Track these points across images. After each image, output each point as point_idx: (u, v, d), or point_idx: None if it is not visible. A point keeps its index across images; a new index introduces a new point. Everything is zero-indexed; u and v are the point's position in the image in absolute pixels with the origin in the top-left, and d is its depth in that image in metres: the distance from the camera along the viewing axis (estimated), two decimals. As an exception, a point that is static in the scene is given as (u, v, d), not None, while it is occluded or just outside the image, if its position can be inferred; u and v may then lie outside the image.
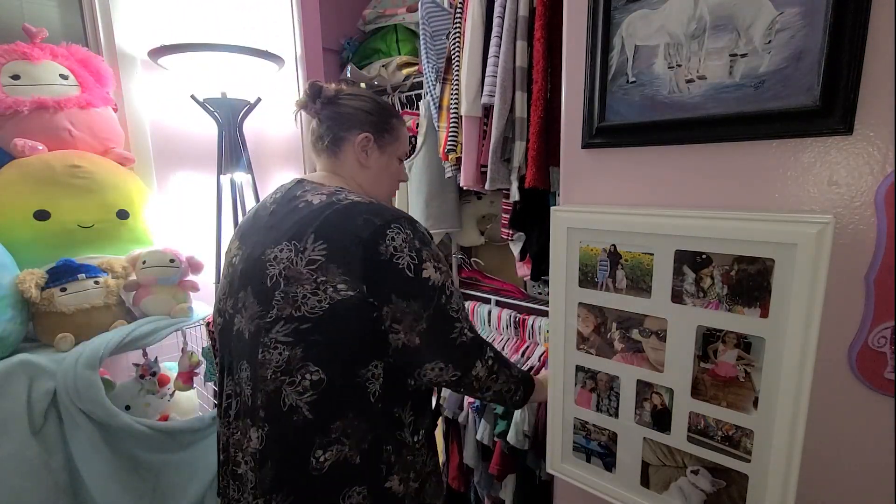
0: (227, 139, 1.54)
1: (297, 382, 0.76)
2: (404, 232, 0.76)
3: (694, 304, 0.66)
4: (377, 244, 0.74)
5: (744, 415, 0.65)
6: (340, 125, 0.88)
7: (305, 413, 0.76)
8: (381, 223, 0.75)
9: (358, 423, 0.77)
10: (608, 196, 0.77)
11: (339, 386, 0.76)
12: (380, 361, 0.78)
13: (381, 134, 0.91)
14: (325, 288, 0.73)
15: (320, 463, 0.76)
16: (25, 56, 1.30)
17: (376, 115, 0.90)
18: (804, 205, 0.60)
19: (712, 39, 0.62)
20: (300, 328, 0.75)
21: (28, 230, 1.25)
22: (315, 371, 0.75)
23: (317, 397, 0.76)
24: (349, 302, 0.73)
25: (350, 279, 0.73)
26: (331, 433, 0.76)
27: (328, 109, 0.89)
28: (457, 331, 0.80)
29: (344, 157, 0.90)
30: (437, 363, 0.78)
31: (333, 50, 1.75)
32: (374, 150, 0.90)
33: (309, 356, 0.75)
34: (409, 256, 0.75)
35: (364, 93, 0.92)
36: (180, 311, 1.38)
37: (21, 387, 1.11)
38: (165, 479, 1.33)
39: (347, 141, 0.88)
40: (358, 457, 0.77)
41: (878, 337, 0.58)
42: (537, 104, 1.02)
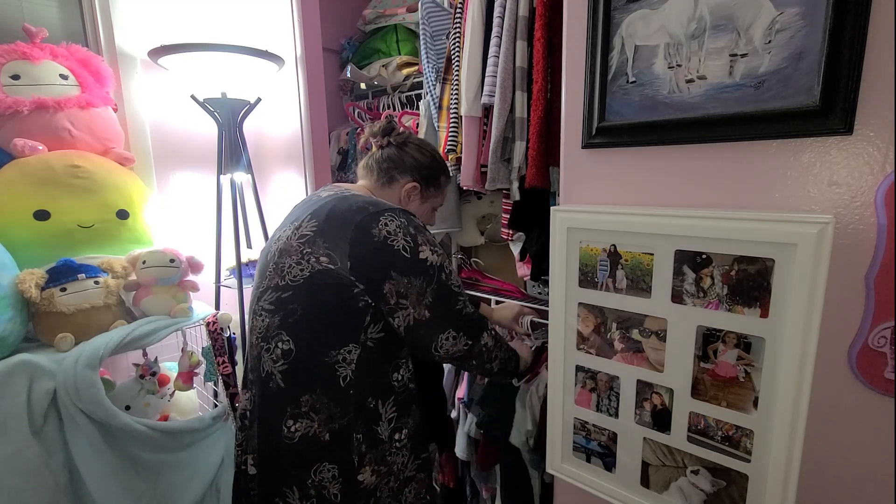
0: (227, 139, 1.54)
1: (272, 350, 0.83)
2: (398, 220, 0.82)
3: (694, 304, 0.66)
4: (370, 227, 0.80)
5: (744, 415, 0.65)
6: (398, 167, 0.97)
7: (279, 381, 0.83)
8: (375, 210, 0.82)
9: (326, 402, 0.82)
10: (608, 196, 0.77)
11: (308, 360, 0.82)
12: (356, 346, 0.81)
13: (427, 187, 1.00)
14: (308, 258, 0.80)
15: (291, 433, 0.82)
16: (25, 56, 1.30)
17: (431, 171, 0.99)
18: (804, 205, 0.60)
19: (712, 39, 0.62)
20: (282, 297, 0.82)
21: (28, 230, 1.25)
22: (287, 340, 0.82)
23: (287, 367, 0.82)
24: (327, 273, 0.79)
25: (333, 254, 0.79)
26: (300, 405, 0.82)
27: (393, 149, 0.98)
28: (461, 303, 0.86)
29: (389, 192, 0.98)
30: (449, 332, 0.84)
31: (333, 50, 1.75)
32: (416, 198, 0.99)
33: (284, 325, 0.82)
34: (405, 240, 0.81)
35: (428, 147, 1.01)
36: (180, 311, 1.38)
37: (21, 387, 1.11)
38: (165, 479, 1.33)
39: (398, 182, 0.97)
40: (327, 434, 0.82)
41: (878, 337, 0.58)
42: (537, 104, 1.02)
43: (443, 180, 1.03)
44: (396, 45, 1.64)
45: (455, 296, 0.86)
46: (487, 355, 0.90)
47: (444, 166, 1.04)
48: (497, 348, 0.92)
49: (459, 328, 0.85)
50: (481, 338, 0.88)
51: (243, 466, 0.92)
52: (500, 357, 0.92)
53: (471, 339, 0.87)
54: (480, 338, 0.88)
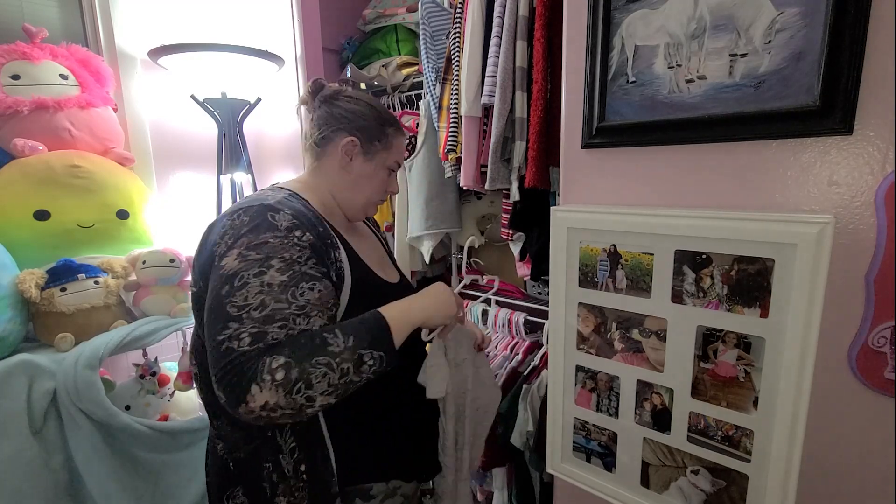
0: (227, 139, 1.54)
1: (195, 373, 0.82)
2: (241, 218, 0.68)
3: (694, 304, 0.66)
4: (209, 234, 0.73)
5: (744, 415, 0.65)
6: (329, 125, 0.84)
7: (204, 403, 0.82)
8: (228, 211, 0.71)
9: (230, 430, 0.78)
10: (608, 196, 0.77)
11: (206, 387, 0.79)
12: None
13: (371, 141, 0.85)
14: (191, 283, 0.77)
15: (220, 451, 0.81)
16: (25, 56, 1.30)
17: (369, 121, 0.84)
18: (804, 205, 0.60)
19: (712, 39, 0.62)
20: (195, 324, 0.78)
21: (28, 230, 1.25)
22: (195, 364, 0.80)
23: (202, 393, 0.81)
24: (197, 296, 0.74)
25: (195, 275, 0.75)
26: (215, 428, 0.81)
27: (323, 108, 0.85)
28: (227, 332, 0.59)
29: (327, 160, 0.85)
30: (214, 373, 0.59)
31: (333, 50, 1.75)
32: (358, 156, 0.84)
33: (193, 349, 0.81)
34: (226, 243, 0.66)
35: (363, 97, 0.88)
36: (180, 311, 1.38)
37: (21, 387, 1.11)
38: (165, 479, 1.33)
39: (332, 142, 0.83)
40: (231, 463, 0.79)
41: (878, 337, 0.58)
42: (537, 104, 1.02)
43: (390, 132, 0.86)
44: (396, 45, 1.64)
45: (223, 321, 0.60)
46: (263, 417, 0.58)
47: (389, 116, 0.88)
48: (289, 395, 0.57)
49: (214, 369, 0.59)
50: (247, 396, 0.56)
51: None
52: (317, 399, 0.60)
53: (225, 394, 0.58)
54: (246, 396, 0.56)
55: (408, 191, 1.49)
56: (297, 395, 0.58)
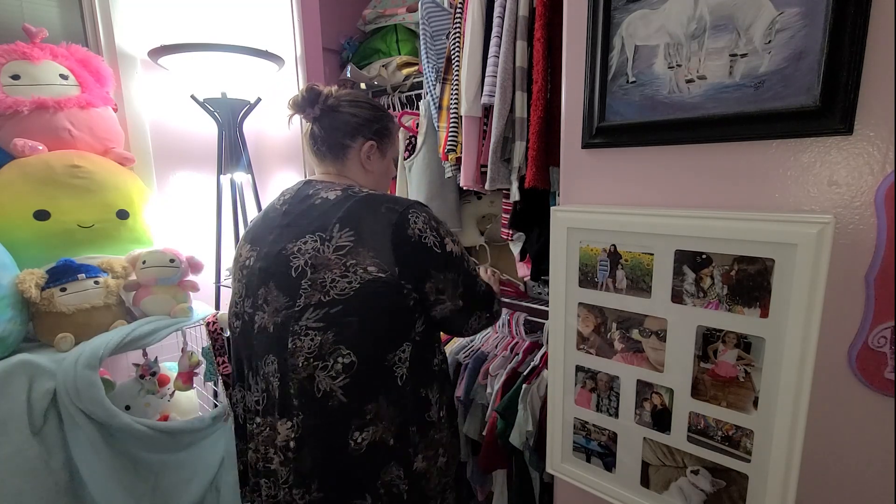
0: (227, 139, 1.54)
1: (330, 367, 0.79)
2: (421, 214, 0.82)
3: (694, 304, 0.66)
4: (405, 228, 0.80)
5: (744, 415, 0.65)
6: (344, 133, 0.90)
7: (340, 397, 0.79)
8: (402, 210, 0.81)
9: (388, 407, 0.82)
10: (608, 196, 0.77)
11: (369, 369, 0.81)
12: (408, 344, 0.84)
13: (382, 140, 0.94)
14: (354, 269, 0.77)
15: (359, 444, 0.81)
16: (25, 56, 1.30)
17: (378, 122, 0.93)
18: (804, 205, 0.60)
19: (712, 39, 0.62)
20: (331, 312, 0.78)
21: (28, 230, 1.25)
22: (347, 353, 0.79)
23: (349, 381, 0.79)
24: (379, 282, 0.78)
25: (381, 261, 0.78)
26: (365, 415, 0.81)
27: (330, 117, 0.89)
28: (480, 284, 0.92)
29: (349, 162, 0.92)
30: (476, 314, 0.92)
31: (333, 50, 1.74)
32: (376, 156, 0.94)
33: (340, 339, 0.78)
34: (433, 236, 0.82)
35: (361, 97, 0.94)
36: (180, 311, 1.38)
37: (21, 387, 1.11)
38: (165, 479, 1.33)
39: (352, 149, 0.91)
40: (392, 438, 0.83)
41: (878, 337, 0.58)
42: (537, 104, 1.02)
43: (391, 126, 0.97)
44: (396, 45, 1.64)
45: (475, 279, 0.90)
46: (497, 317, 0.98)
47: (386, 111, 0.97)
48: (500, 309, 1.00)
49: (483, 308, 0.92)
50: (493, 307, 0.95)
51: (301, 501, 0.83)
52: (498, 311, 0.99)
53: (489, 312, 0.94)
54: (493, 307, 0.95)
55: (408, 191, 1.49)
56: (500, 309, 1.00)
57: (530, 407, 1.15)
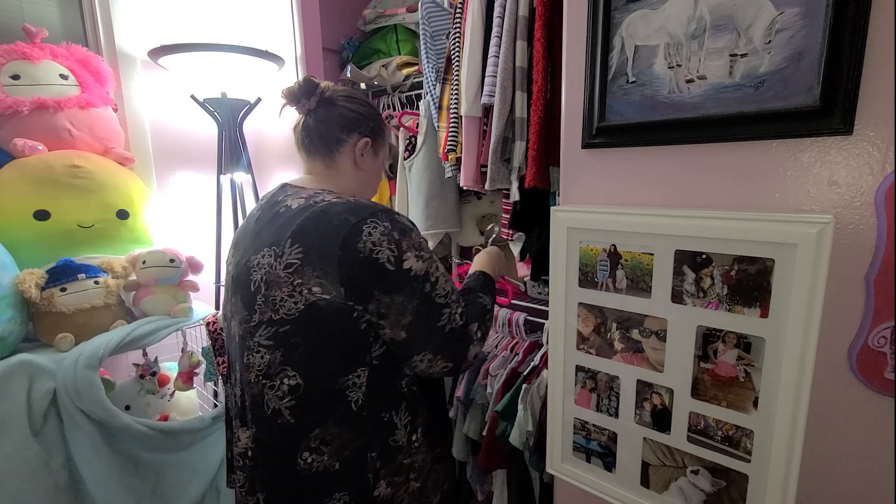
0: (227, 139, 1.54)
1: (277, 387, 0.77)
2: (381, 225, 0.73)
3: (694, 304, 0.66)
4: (354, 242, 0.71)
5: (744, 415, 0.65)
6: (340, 127, 0.86)
7: (287, 417, 0.77)
8: (356, 220, 0.73)
9: (339, 432, 0.77)
10: (608, 196, 0.77)
11: (317, 392, 0.76)
12: (363, 369, 0.77)
13: (377, 140, 0.91)
14: (300, 290, 0.73)
15: (308, 464, 0.77)
16: (25, 56, 1.30)
17: (374, 121, 0.90)
18: (804, 205, 0.60)
19: (712, 39, 0.62)
20: (280, 331, 0.75)
21: (28, 230, 1.25)
22: (293, 376, 0.76)
23: (295, 402, 0.77)
24: (324, 304, 0.72)
25: (325, 282, 0.72)
26: (312, 439, 0.77)
27: (325, 109, 0.87)
28: (445, 317, 0.76)
29: (340, 160, 0.88)
30: (424, 354, 0.76)
31: (333, 50, 1.75)
32: (370, 154, 0.90)
33: (288, 360, 0.76)
34: (389, 249, 0.72)
35: (358, 95, 0.91)
36: (180, 311, 1.38)
37: (21, 387, 1.11)
38: (165, 479, 1.33)
39: (347, 143, 0.87)
40: (337, 464, 0.77)
41: (878, 337, 0.58)
42: (537, 104, 1.02)
43: (384, 125, 0.94)
44: (396, 45, 1.64)
45: (438, 310, 0.76)
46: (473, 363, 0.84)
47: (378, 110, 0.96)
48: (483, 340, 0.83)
49: (438, 349, 0.76)
50: (467, 355, 0.79)
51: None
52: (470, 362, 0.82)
53: (453, 362, 0.78)
54: (467, 355, 0.79)
55: (408, 191, 1.49)
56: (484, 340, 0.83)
57: (530, 407, 1.15)
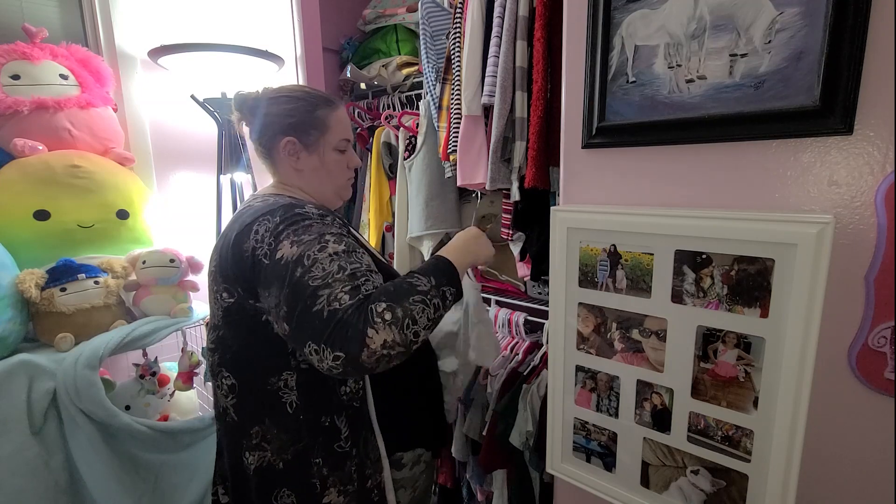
0: (226, 139, 1.54)
1: (221, 386, 0.83)
2: (271, 222, 0.71)
3: (694, 304, 0.66)
4: (243, 243, 0.71)
5: (744, 415, 0.65)
6: (264, 134, 0.84)
7: (232, 415, 0.82)
8: (251, 221, 0.72)
9: (277, 433, 0.79)
10: (608, 196, 0.77)
11: (251, 392, 0.80)
12: (290, 373, 0.78)
13: (305, 132, 0.83)
14: (216, 296, 0.80)
15: (248, 464, 0.81)
16: (25, 56, 1.30)
17: (292, 116, 0.83)
18: (804, 205, 0.60)
19: (712, 39, 0.62)
20: (217, 336, 0.82)
21: (28, 230, 1.25)
22: (227, 376, 0.81)
23: (236, 401, 0.82)
24: (233, 308, 0.77)
25: (228, 285, 0.76)
26: (252, 437, 0.80)
27: (252, 121, 0.85)
28: (321, 300, 0.63)
29: (280, 166, 0.86)
30: (309, 345, 0.63)
31: (333, 50, 1.74)
32: (301, 152, 0.84)
33: (222, 361, 0.82)
34: (268, 244, 0.69)
35: (285, 91, 0.85)
36: (180, 311, 1.38)
37: (21, 387, 1.11)
38: (165, 479, 1.33)
39: (275, 150, 0.84)
40: (281, 463, 0.80)
41: (878, 337, 0.58)
42: (537, 104, 1.02)
43: (321, 114, 0.83)
44: (396, 45, 1.64)
45: (313, 293, 0.63)
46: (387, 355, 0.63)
47: (314, 99, 0.84)
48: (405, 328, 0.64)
49: (320, 338, 0.62)
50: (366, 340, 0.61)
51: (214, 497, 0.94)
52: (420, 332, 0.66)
53: (344, 351, 0.61)
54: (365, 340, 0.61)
55: (408, 191, 1.49)
56: (408, 331, 0.64)
57: (530, 407, 1.16)
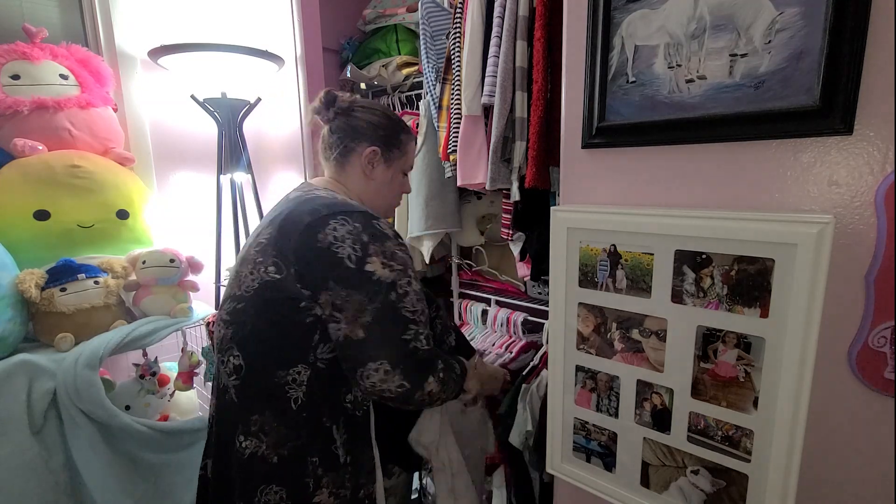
0: (227, 139, 1.54)
1: (226, 363, 0.81)
2: (351, 224, 0.75)
3: (694, 304, 0.66)
4: (316, 232, 0.74)
5: (744, 415, 0.65)
6: (351, 137, 0.91)
7: (233, 395, 0.80)
8: (327, 213, 0.76)
9: (276, 426, 0.77)
10: (608, 196, 0.77)
11: (257, 379, 0.78)
12: (305, 367, 0.77)
13: (389, 148, 0.93)
14: (259, 268, 0.77)
15: (242, 449, 0.79)
16: (25, 56, 1.30)
17: (386, 130, 0.92)
18: (804, 205, 0.60)
19: (712, 39, 0.62)
20: (236, 307, 0.79)
21: (28, 230, 1.25)
22: (237, 356, 0.79)
23: (239, 383, 0.79)
24: (274, 284, 0.76)
25: (280, 262, 0.75)
26: (251, 424, 0.78)
27: (340, 119, 0.91)
28: (411, 333, 0.75)
29: (350, 168, 0.92)
30: (382, 363, 0.72)
31: (333, 50, 1.75)
32: (380, 164, 0.93)
33: (235, 338, 0.79)
34: (352, 248, 0.74)
35: (377, 106, 0.95)
36: (180, 311, 1.38)
37: (21, 387, 1.11)
38: (165, 479, 1.33)
39: (355, 153, 0.91)
40: (275, 457, 0.78)
41: (878, 337, 0.58)
42: (537, 104, 1.02)
43: (403, 138, 0.95)
44: (396, 45, 1.64)
45: (404, 322, 0.74)
46: (429, 399, 0.78)
47: (401, 123, 0.96)
48: (441, 392, 0.79)
49: (397, 364, 0.73)
50: (426, 384, 0.76)
51: (202, 470, 0.91)
52: (442, 398, 0.82)
53: (409, 383, 0.74)
54: (424, 384, 0.76)
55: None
56: (442, 394, 0.80)
57: (529, 407, 1.15)
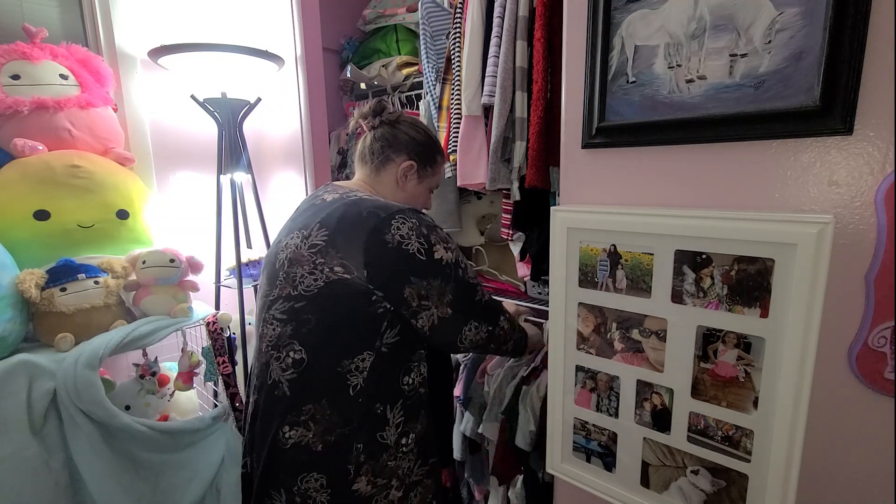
0: (227, 139, 1.54)
1: (282, 359, 0.83)
2: (409, 221, 0.81)
3: (694, 304, 0.66)
4: (382, 233, 0.79)
5: (744, 415, 0.65)
6: (392, 146, 0.96)
7: (285, 389, 0.83)
8: (385, 215, 0.80)
9: (329, 413, 0.81)
10: (608, 196, 0.77)
11: (319, 370, 0.81)
12: (370, 353, 0.81)
13: (424, 165, 0.99)
14: (321, 268, 0.80)
15: (285, 439, 0.82)
16: (25, 56, 1.30)
17: (426, 148, 0.99)
18: (804, 205, 0.60)
19: (712, 39, 0.62)
20: (295, 306, 0.82)
21: (28, 230, 1.25)
22: (299, 350, 0.82)
23: (296, 376, 0.82)
24: (343, 283, 0.79)
25: (348, 263, 0.79)
26: (301, 414, 0.82)
27: (385, 129, 0.97)
28: (479, 293, 0.88)
29: (385, 175, 0.97)
30: (471, 323, 0.86)
31: (333, 50, 1.75)
32: (413, 178, 0.98)
33: (296, 335, 0.82)
34: (419, 242, 0.80)
35: (421, 125, 1.01)
36: (180, 311, 1.38)
37: (21, 387, 1.11)
38: (165, 479, 1.32)
39: (394, 162, 0.96)
40: (320, 445, 0.81)
41: (878, 337, 0.58)
42: (537, 104, 1.02)
43: (438, 159, 1.02)
44: (396, 45, 1.64)
45: (473, 288, 0.87)
46: (504, 337, 0.93)
47: (439, 145, 1.04)
48: (511, 330, 0.95)
49: (480, 318, 0.88)
50: (499, 322, 0.91)
51: (243, 468, 0.95)
52: (513, 338, 0.95)
53: (490, 325, 0.89)
54: (498, 322, 0.91)
55: (408, 191, 1.49)
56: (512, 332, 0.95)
57: (530, 407, 1.16)
